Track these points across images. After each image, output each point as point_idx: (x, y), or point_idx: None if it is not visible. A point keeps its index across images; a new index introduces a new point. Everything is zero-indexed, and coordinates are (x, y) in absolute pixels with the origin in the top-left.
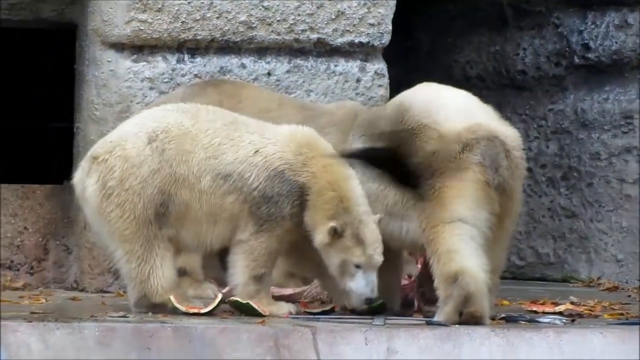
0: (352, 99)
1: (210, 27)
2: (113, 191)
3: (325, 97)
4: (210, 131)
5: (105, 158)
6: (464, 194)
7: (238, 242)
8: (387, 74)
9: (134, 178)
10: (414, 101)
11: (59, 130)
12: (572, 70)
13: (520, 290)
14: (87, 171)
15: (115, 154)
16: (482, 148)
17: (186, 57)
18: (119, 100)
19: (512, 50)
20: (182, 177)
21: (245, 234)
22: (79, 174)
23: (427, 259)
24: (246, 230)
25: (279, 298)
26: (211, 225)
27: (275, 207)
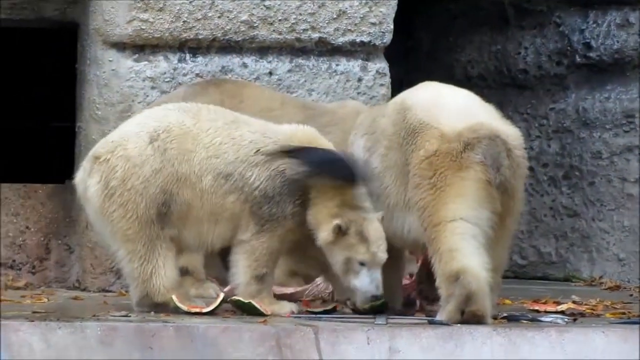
0: (353, 99)
1: (211, 26)
2: (115, 191)
3: (326, 97)
4: (211, 130)
5: (107, 158)
6: (465, 193)
7: (240, 242)
8: (388, 73)
9: (136, 178)
10: (416, 100)
11: (60, 129)
12: (574, 70)
13: (522, 290)
14: (89, 171)
15: (117, 154)
16: (483, 147)
17: (188, 56)
18: (121, 99)
19: (513, 49)
20: (184, 176)
21: (247, 234)
22: (81, 174)
23: (428, 258)
24: (248, 230)
25: (281, 297)
26: (212, 225)
27: (277, 206)
